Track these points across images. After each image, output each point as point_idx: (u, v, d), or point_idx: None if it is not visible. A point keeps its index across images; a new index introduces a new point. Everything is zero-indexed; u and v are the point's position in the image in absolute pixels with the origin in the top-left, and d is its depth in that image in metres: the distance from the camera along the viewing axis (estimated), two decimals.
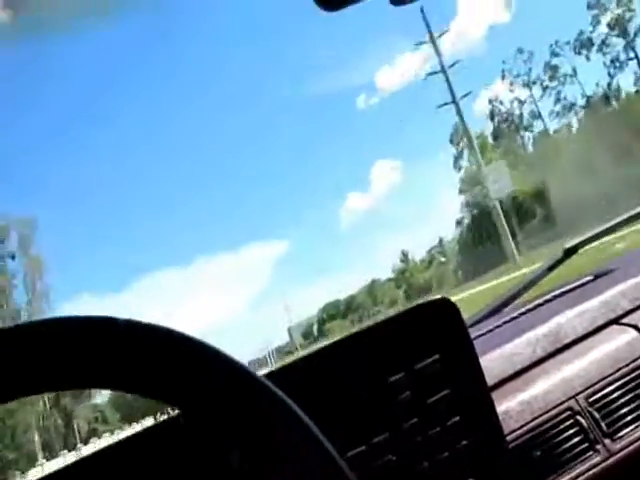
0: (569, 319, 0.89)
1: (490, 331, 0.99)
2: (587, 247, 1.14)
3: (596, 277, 1.07)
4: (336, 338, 0.59)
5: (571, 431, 0.75)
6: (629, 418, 0.78)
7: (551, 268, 1.12)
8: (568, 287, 1.04)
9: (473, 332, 1.01)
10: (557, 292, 1.04)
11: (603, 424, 0.77)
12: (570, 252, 1.14)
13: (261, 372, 0.60)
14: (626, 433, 0.76)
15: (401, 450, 0.55)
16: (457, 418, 0.57)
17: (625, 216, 1.21)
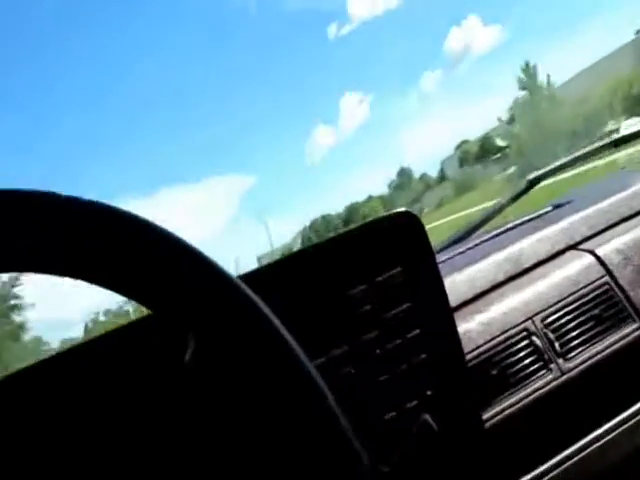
0: (530, 245, 0.89)
1: (453, 257, 0.99)
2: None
3: (555, 207, 1.08)
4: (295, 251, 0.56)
5: (527, 351, 0.76)
6: (581, 339, 0.79)
7: (515, 198, 1.12)
8: (529, 216, 1.04)
9: (438, 258, 1.01)
10: (519, 221, 1.04)
11: (557, 344, 0.78)
12: (533, 183, 1.13)
13: None
14: (577, 353, 0.78)
15: (360, 362, 0.53)
16: (417, 331, 0.56)
17: (584, 151, 1.21)
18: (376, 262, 0.56)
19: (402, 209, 0.59)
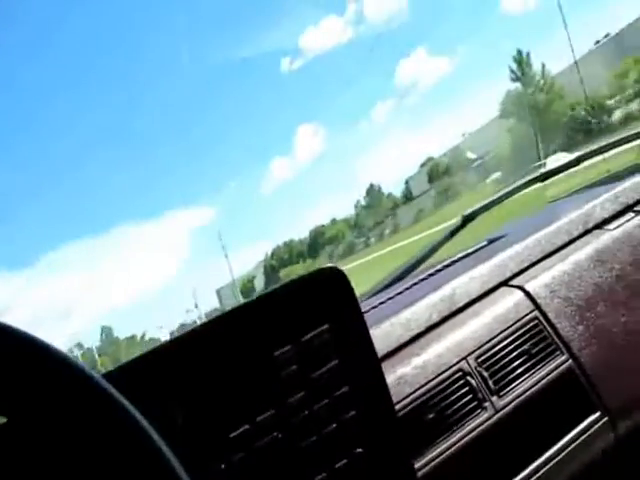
0: (462, 283, 0.92)
1: (391, 299, 1.00)
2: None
3: (489, 242, 1.12)
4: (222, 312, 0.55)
5: (461, 392, 0.78)
6: (514, 375, 0.82)
7: (450, 236, 1.16)
8: (463, 253, 1.08)
9: (375, 300, 1.03)
10: (454, 258, 1.07)
11: (491, 382, 0.80)
12: (467, 220, 1.17)
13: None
14: (511, 389, 0.81)
15: (287, 427, 0.53)
16: (345, 389, 0.56)
17: (513, 186, 1.27)
18: (302, 320, 0.56)
19: (328, 265, 0.60)
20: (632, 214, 1.02)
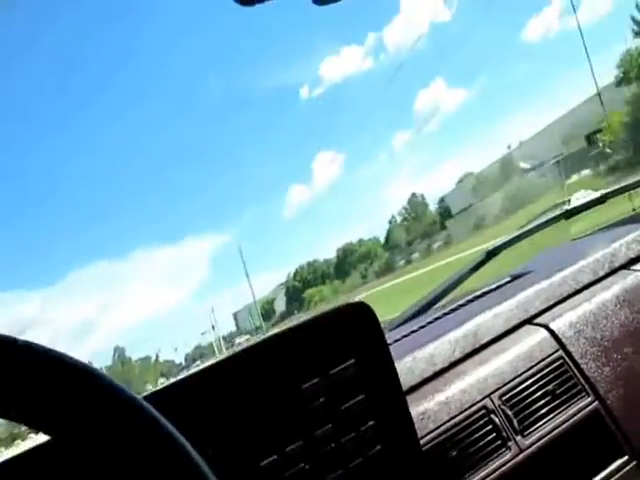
0: (486, 320, 0.92)
1: (414, 332, 1.01)
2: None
3: (513, 278, 1.12)
4: (250, 343, 0.57)
5: (485, 429, 0.77)
6: (538, 414, 0.81)
7: (474, 269, 1.16)
8: (487, 288, 1.08)
9: (398, 333, 1.03)
10: (477, 293, 1.07)
11: (515, 421, 0.80)
12: (491, 254, 1.18)
13: (182, 373, 0.57)
14: (535, 429, 0.80)
15: (314, 458, 0.54)
16: (371, 423, 0.57)
17: (536, 222, 1.28)
18: (330, 354, 0.58)
19: (356, 300, 0.62)
20: None
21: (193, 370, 0.55)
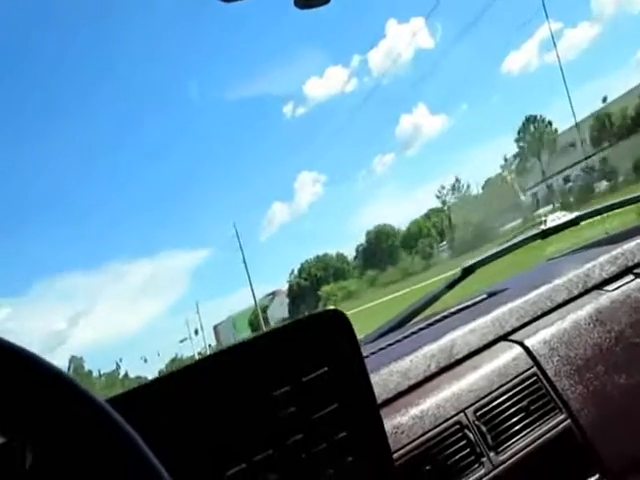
0: (462, 335, 0.92)
1: (390, 345, 1.00)
2: None
3: (489, 295, 1.13)
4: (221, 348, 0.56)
5: (459, 445, 0.76)
6: (512, 431, 0.81)
7: (450, 286, 1.17)
8: (463, 305, 1.08)
9: (374, 346, 1.02)
10: (454, 309, 1.07)
11: (489, 437, 0.79)
12: (467, 271, 1.19)
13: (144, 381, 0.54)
14: (509, 445, 0.79)
15: (284, 468, 0.52)
16: (343, 434, 0.55)
17: (514, 241, 1.30)
18: (302, 362, 0.56)
19: (330, 307, 0.61)
20: (632, 276, 1.03)
21: (160, 375, 0.53)
